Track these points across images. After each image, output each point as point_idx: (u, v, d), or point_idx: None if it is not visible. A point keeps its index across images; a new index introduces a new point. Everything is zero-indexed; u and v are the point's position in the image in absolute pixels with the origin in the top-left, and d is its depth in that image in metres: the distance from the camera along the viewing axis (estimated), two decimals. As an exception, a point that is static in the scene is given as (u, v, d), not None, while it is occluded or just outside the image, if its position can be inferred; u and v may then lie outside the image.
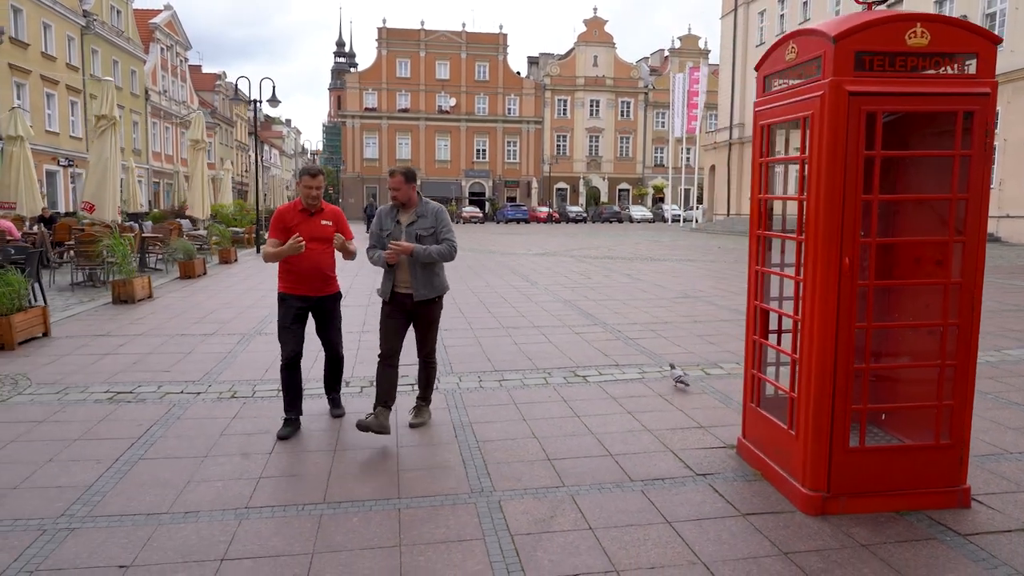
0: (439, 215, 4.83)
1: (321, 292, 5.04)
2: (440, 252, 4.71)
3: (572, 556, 3.31)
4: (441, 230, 4.79)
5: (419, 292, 4.75)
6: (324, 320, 5.14)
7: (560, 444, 4.78)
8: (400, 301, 4.83)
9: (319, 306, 5.07)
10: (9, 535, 3.51)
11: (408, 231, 4.75)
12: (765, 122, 4.11)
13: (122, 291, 10.88)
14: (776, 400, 4.36)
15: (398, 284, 4.81)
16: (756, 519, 3.69)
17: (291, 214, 4.93)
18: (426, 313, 4.89)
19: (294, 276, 4.94)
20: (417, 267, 4.72)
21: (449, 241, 4.79)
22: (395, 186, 4.73)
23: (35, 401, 5.74)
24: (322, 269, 4.99)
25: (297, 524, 3.65)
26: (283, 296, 5.01)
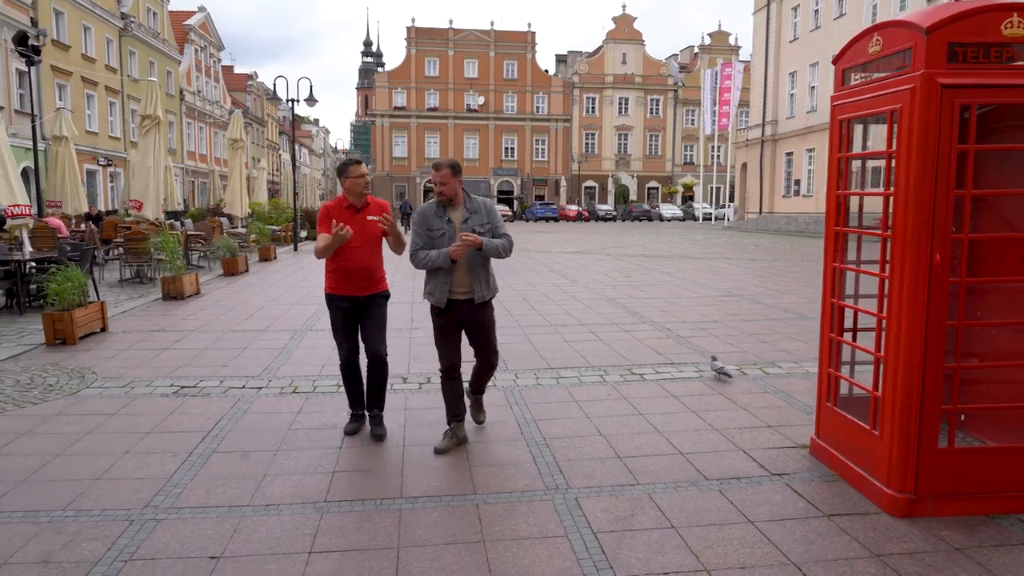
0: (492, 210, 4.55)
1: (368, 291, 4.76)
2: (503, 246, 4.45)
3: (659, 555, 3.29)
4: (498, 225, 4.51)
5: (479, 294, 4.46)
6: (367, 319, 4.79)
7: (628, 442, 4.75)
8: (455, 309, 4.49)
9: (365, 305, 4.77)
10: (100, 524, 3.58)
11: (464, 229, 4.38)
12: (844, 116, 4.04)
13: (171, 288, 11.07)
14: (854, 399, 4.29)
15: (455, 290, 4.45)
16: (841, 520, 3.63)
17: (337, 210, 4.69)
18: (484, 316, 4.59)
19: (340, 275, 4.71)
20: (478, 267, 4.45)
21: (508, 236, 4.53)
22: (442, 180, 4.38)
23: (104, 395, 5.85)
24: (369, 267, 4.72)
25: (378, 518, 3.67)
26: (329, 297, 4.81)
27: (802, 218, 36.80)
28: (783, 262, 18.22)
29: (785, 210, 40.26)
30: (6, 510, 3.73)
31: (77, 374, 6.47)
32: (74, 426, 5.05)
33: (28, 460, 4.41)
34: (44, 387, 6.04)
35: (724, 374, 6.31)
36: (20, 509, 3.74)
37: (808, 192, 38.35)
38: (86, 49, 35.15)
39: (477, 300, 4.47)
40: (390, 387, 5.97)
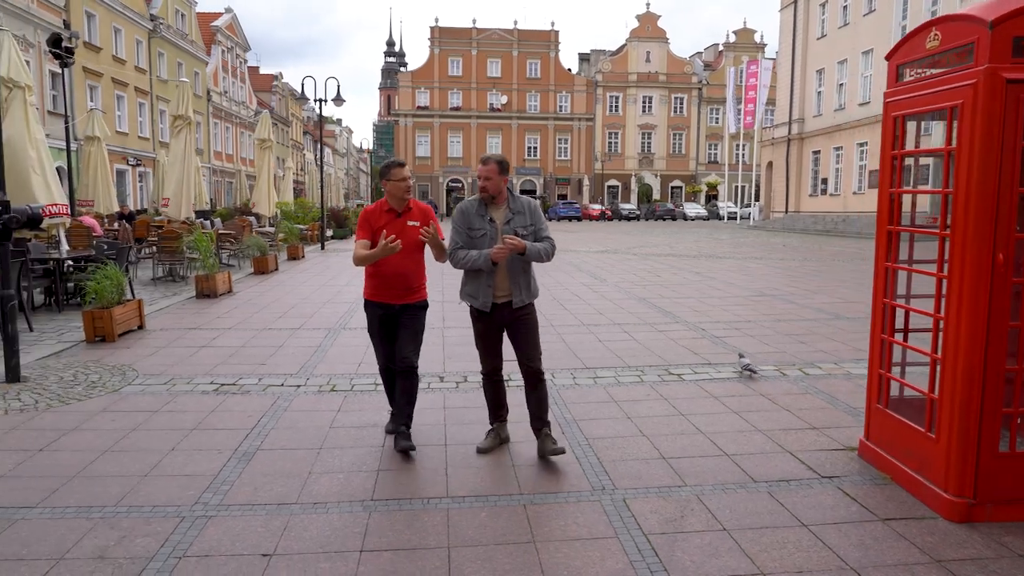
0: (535, 211, 4.34)
1: (404, 299, 4.53)
2: (546, 251, 4.25)
3: (713, 558, 3.24)
4: (541, 227, 4.30)
5: (519, 298, 4.26)
6: (401, 328, 4.54)
7: (671, 443, 4.70)
8: (496, 312, 4.30)
9: (400, 314, 4.54)
10: (152, 521, 3.62)
11: (506, 230, 4.18)
12: (898, 113, 3.96)
13: (205, 286, 11.19)
14: (905, 401, 4.20)
15: (497, 292, 4.27)
16: (896, 524, 3.56)
17: (377, 215, 4.48)
18: (526, 320, 4.34)
19: (377, 281, 4.52)
20: (518, 271, 4.26)
21: (550, 239, 4.32)
22: (487, 175, 4.19)
23: (146, 392, 5.92)
24: (407, 276, 4.49)
25: (426, 517, 3.67)
26: (366, 303, 4.64)
27: (829, 217, 36.33)
28: (813, 262, 17.99)
29: (812, 209, 39.77)
30: (59, 505, 3.78)
31: (119, 371, 6.56)
32: (119, 423, 5.11)
33: (76, 456, 4.47)
34: (87, 384, 6.12)
35: (750, 370, 6.35)
36: (72, 505, 3.79)
37: (835, 191, 37.86)
38: (116, 51, 35.71)
39: (515, 304, 4.28)
40: (427, 386, 6.02)
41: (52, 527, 3.53)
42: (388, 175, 4.45)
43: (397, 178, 4.44)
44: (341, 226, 27.84)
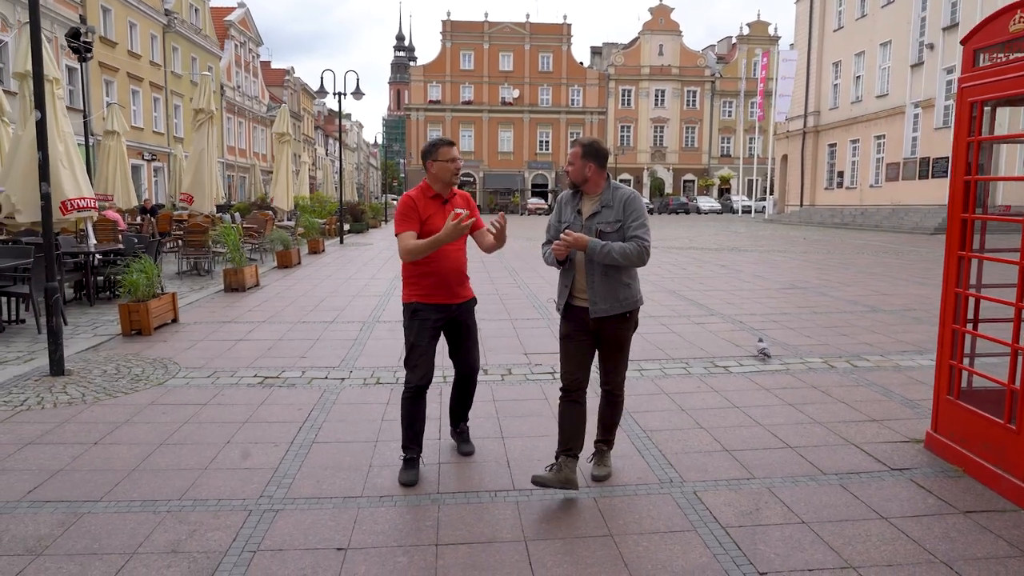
0: (629, 204, 3.68)
1: (459, 298, 4.05)
2: (625, 252, 3.55)
3: (798, 551, 3.17)
4: (631, 224, 3.65)
5: (597, 306, 3.65)
6: (462, 332, 4.13)
7: (732, 435, 4.63)
8: (579, 316, 3.76)
9: (457, 317, 4.07)
10: (219, 514, 3.58)
11: (588, 225, 3.68)
12: (976, 98, 3.86)
13: (233, 280, 11.18)
14: (975, 392, 4.12)
15: (575, 294, 3.77)
16: (979, 517, 3.48)
17: (423, 202, 3.95)
18: (611, 334, 3.75)
19: (431, 280, 3.95)
20: (595, 272, 3.65)
21: (639, 239, 3.60)
22: (570, 159, 3.75)
23: (191, 384, 5.89)
24: (462, 269, 4.06)
25: (496, 511, 3.61)
26: (416, 308, 3.98)
27: (847, 211, 36.06)
28: (837, 255, 17.83)
29: (827, 203, 39.48)
30: (123, 499, 3.75)
31: (160, 364, 6.54)
32: (170, 416, 5.08)
33: (133, 449, 4.44)
34: (131, 377, 6.10)
35: (765, 354, 6.60)
36: (137, 498, 3.76)
37: (852, 184, 37.56)
38: (132, 45, 35.80)
39: (592, 314, 3.67)
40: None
41: (120, 521, 3.50)
42: (435, 154, 3.94)
43: (446, 158, 3.93)
44: (358, 220, 27.84)
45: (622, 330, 3.77)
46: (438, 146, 3.97)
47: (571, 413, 3.79)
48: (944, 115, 28.59)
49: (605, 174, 3.76)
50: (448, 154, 3.94)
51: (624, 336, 3.81)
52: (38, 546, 3.24)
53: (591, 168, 3.70)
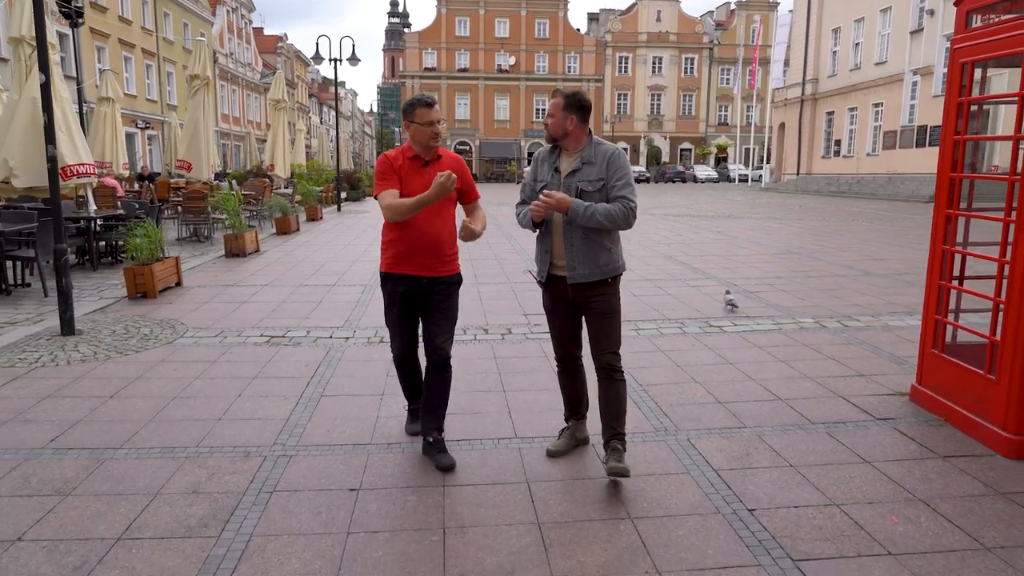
0: (612, 161, 3.40)
1: (434, 271, 3.63)
2: (610, 214, 3.30)
3: (785, 491, 3.36)
4: (616, 183, 3.38)
5: (575, 272, 3.40)
6: (432, 309, 3.68)
7: (724, 388, 4.81)
8: (557, 286, 3.53)
9: (429, 291, 3.66)
10: (235, 460, 3.75)
11: (567, 184, 3.41)
12: (967, 59, 3.96)
13: (234, 245, 11.27)
14: (959, 347, 4.29)
15: (555, 261, 3.49)
16: (957, 461, 3.67)
17: (400, 161, 3.60)
18: (592, 302, 3.47)
19: (401, 248, 3.60)
20: (574, 236, 3.38)
21: (625, 200, 3.34)
22: (550, 111, 3.45)
23: (199, 344, 6.04)
24: (438, 240, 3.61)
25: (499, 456, 3.79)
26: (384, 276, 3.72)
27: (843, 179, 36.08)
28: (833, 222, 17.96)
29: (825, 171, 39.46)
30: (143, 447, 3.92)
31: (168, 325, 6.68)
32: (181, 372, 5.24)
33: (148, 402, 4.60)
34: (140, 336, 6.25)
35: (732, 305, 7.12)
36: (156, 446, 3.93)
37: (849, 153, 37.52)
38: (123, 11, 35.27)
39: (569, 279, 3.43)
40: (473, 338, 6.14)
41: (141, 466, 3.67)
42: (412, 115, 3.56)
43: (422, 120, 3.54)
44: (354, 188, 27.81)
45: (605, 298, 3.47)
46: (415, 106, 3.57)
47: (570, 381, 3.76)
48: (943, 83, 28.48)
49: (587, 129, 3.49)
50: (425, 116, 3.54)
51: (608, 304, 3.49)
52: (65, 487, 3.41)
53: (573, 121, 3.41)
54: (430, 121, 3.55)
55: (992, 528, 3.02)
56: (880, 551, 2.85)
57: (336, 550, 2.89)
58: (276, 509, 3.22)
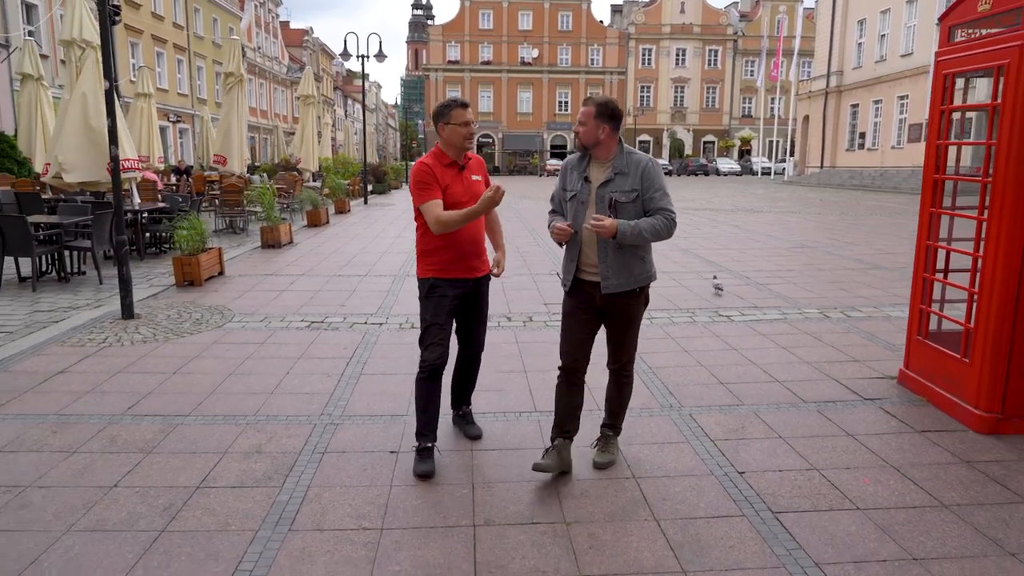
0: (648, 173, 3.38)
1: (479, 272, 3.80)
2: (654, 229, 3.31)
3: (772, 457, 3.81)
4: (653, 195, 3.36)
5: (610, 281, 3.40)
6: (474, 309, 3.88)
7: (727, 371, 5.25)
8: (586, 291, 3.51)
9: (475, 291, 3.82)
10: (290, 426, 4.28)
11: (600, 194, 3.40)
12: (949, 71, 4.35)
13: (270, 237, 11.87)
14: (942, 334, 4.68)
15: (583, 267, 3.50)
16: (932, 435, 4.09)
17: (439, 169, 3.66)
18: (621, 310, 3.52)
19: (450, 254, 3.68)
20: (609, 245, 3.37)
21: (666, 212, 3.35)
22: (581, 119, 3.40)
23: (247, 327, 6.60)
24: (480, 241, 3.82)
25: (521, 426, 4.28)
26: (433, 283, 3.71)
27: (867, 172, 35.99)
28: (851, 216, 18.18)
29: (848, 164, 39.35)
30: (208, 414, 4.46)
31: (216, 311, 7.25)
32: (233, 352, 5.79)
33: (207, 378, 5.15)
34: (192, 321, 6.82)
35: (718, 288, 7.99)
36: (220, 414, 4.47)
37: (873, 146, 37.40)
38: (155, 7, 36.18)
39: (604, 289, 3.43)
40: (496, 324, 6.62)
41: (208, 430, 4.21)
42: (447, 116, 3.64)
43: (459, 121, 3.62)
44: (380, 181, 28.41)
45: (632, 306, 3.53)
46: (451, 107, 3.65)
47: (569, 395, 3.64)
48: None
49: (618, 137, 3.44)
50: (461, 116, 3.62)
51: (635, 312, 3.57)
52: (147, 446, 3.96)
53: (605, 130, 3.37)
54: (466, 121, 3.63)
55: (952, 490, 3.44)
56: (850, 507, 3.29)
57: (381, 499, 3.40)
58: (328, 466, 3.74)
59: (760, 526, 3.13)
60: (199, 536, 3.06)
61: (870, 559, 2.87)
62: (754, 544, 2.99)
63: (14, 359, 5.55)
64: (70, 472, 3.65)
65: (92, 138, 11.17)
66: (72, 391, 4.83)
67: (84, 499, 3.36)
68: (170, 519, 3.19)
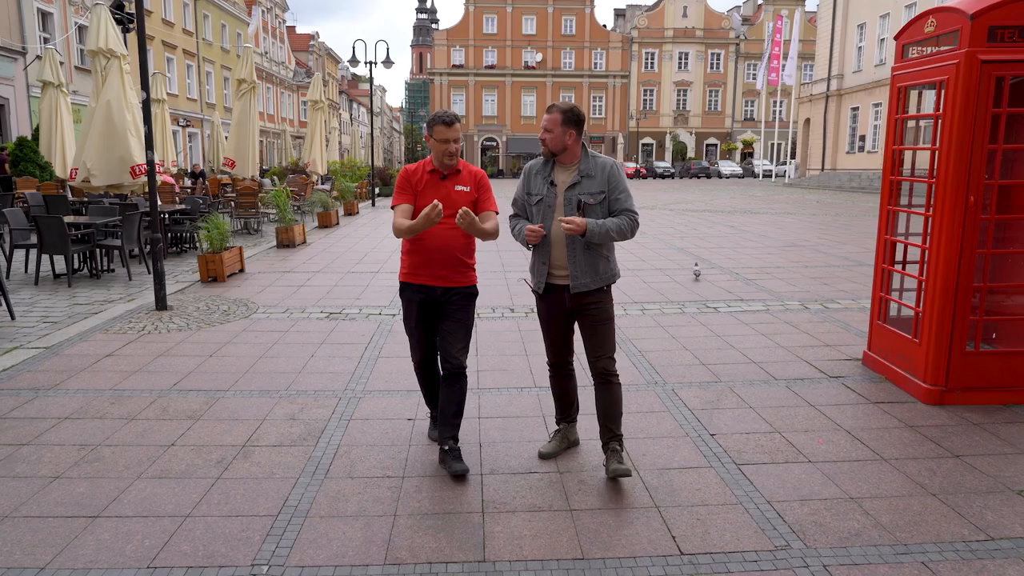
0: (614, 175, 3.53)
1: (448, 282, 3.74)
2: (619, 228, 3.46)
3: (741, 423, 4.37)
4: (619, 196, 3.52)
5: (578, 281, 3.54)
6: (445, 319, 3.78)
7: (709, 354, 5.81)
8: (556, 295, 3.65)
9: (444, 301, 3.77)
10: (318, 399, 4.85)
11: (568, 196, 3.51)
12: (902, 84, 4.90)
13: (284, 237, 12.46)
14: (900, 319, 5.23)
15: (552, 271, 3.61)
16: (884, 406, 4.64)
17: (418, 175, 3.73)
18: (590, 310, 3.62)
19: (417, 258, 3.74)
20: (577, 246, 3.51)
21: (630, 212, 3.52)
22: (547, 126, 3.50)
23: (271, 318, 7.18)
24: (454, 251, 3.71)
25: (522, 399, 4.84)
26: (403, 285, 3.84)
27: (866, 174, 36.46)
28: (844, 217, 18.69)
29: (848, 166, 39.83)
30: (245, 389, 5.03)
31: (241, 303, 7.83)
32: (261, 339, 6.37)
33: (240, 360, 5.73)
34: (221, 312, 7.40)
35: (697, 273, 9.12)
36: (255, 389, 5.04)
37: (873, 148, 37.87)
38: (166, 14, 36.90)
39: (573, 289, 3.56)
40: (500, 315, 7.18)
41: (247, 402, 4.78)
42: (431, 130, 3.67)
43: (439, 138, 3.64)
44: (387, 184, 29.03)
45: (601, 303, 3.64)
46: (434, 123, 3.67)
47: (563, 384, 3.92)
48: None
49: (581, 142, 3.59)
50: (442, 134, 3.64)
51: (604, 310, 3.66)
52: (195, 415, 4.53)
53: (571, 135, 3.50)
54: (445, 139, 3.64)
55: (893, 448, 3.99)
56: (803, 460, 3.84)
57: (401, 455, 3.96)
58: (354, 430, 4.31)
59: (724, 475, 3.68)
60: (249, 482, 3.62)
61: (814, 498, 3.42)
62: (718, 487, 3.55)
63: (64, 345, 6.14)
64: (132, 434, 4.22)
65: (115, 143, 11.79)
66: (122, 371, 5.42)
67: (148, 455, 3.94)
68: (223, 469, 3.76)
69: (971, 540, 3.06)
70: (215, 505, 3.38)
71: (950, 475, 3.66)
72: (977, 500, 3.39)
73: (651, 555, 2.97)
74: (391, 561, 2.94)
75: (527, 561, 2.94)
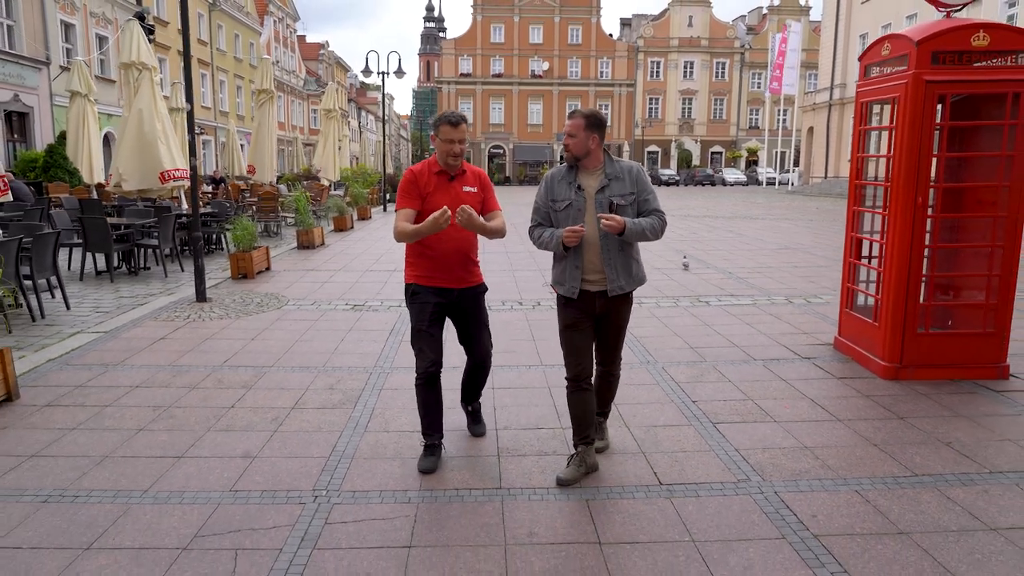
0: (641, 177, 3.61)
1: (463, 283, 3.87)
2: (652, 227, 3.53)
3: (720, 393, 5.05)
4: (647, 198, 3.59)
5: (616, 284, 3.56)
6: (468, 320, 3.96)
7: (697, 339, 6.49)
8: (588, 302, 3.63)
9: (460, 303, 3.90)
10: (352, 374, 5.55)
11: (599, 199, 3.54)
12: (864, 100, 5.59)
13: (305, 239, 13.20)
14: (865, 307, 5.90)
15: (588, 276, 3.59)
16: (847, 380, 5.31)
17: (425, 177, 3.75)
18: (619, 312, 3.71)
19: (429, 262, 3.79)
20: (614, 249, 3.55)
21: (660, 212, 3.60)
22: (571, 131, 3.53)
23: (301, 309, 7.90)
24: (466, 251, 3.83)
25: (529, 374, 5.53)
26: (415, 289, 3.85)
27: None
28: (840, 222, 19.31)
29: (850, 174, 40.42)
30: (287, 366, 5.74)
31: (272, 297, 8.55)
32: (295, 326, 7.08)
33: (278, 343, 6.43)
34: (255, 304, 8.12)
35: (685, 264, 10.19)
36: (296, 366, 5.74)
37: (874, 156, 38.45)
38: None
39: (611, 292, 3.58)
40: (509, 308, 7.87)
41: (289, 376, 5.49)
42: (437, 130, 3.71)
43: (444, 137, 3.68)
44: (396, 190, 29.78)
45: (627, 309, 3.75)
46: (440, 122, 3.70)
47: (585, 402, 3.73)
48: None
49: (603, 146, 3.64)
50: (447, 134, 3.66)
51: (628, 315, 3.78)
52: (247, 384, 5.24)
53: (595, 140, 3.54)
54: (451, 139, 3.65)
55: (848, 412, 4.67)
56: (770, 421, 4.52)
57: (428, 416, 4.65)
58: (386, 397, 5.01)
59: (702, 431, 4.37)
60: (301, 434, 4.33)
61: (774, 447, 4.10)
62: (695, 439, 4.23)
63: (120, 330, 6.87)
64: (196, 399, 4.93)
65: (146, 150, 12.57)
66: (176, 350, 6.14)
67: (213, 414, 4.64)
68: (278, 425, 4.47)
69: (899, 476, 3.73)
70: (276, 449, 4.08)
71: (893, 431, 4.33)
72: (910, 448, 4.07)
73: (636, 484, 3.66)
74: (425, 488, 3.63)
75: (535, 488, 3.63)
